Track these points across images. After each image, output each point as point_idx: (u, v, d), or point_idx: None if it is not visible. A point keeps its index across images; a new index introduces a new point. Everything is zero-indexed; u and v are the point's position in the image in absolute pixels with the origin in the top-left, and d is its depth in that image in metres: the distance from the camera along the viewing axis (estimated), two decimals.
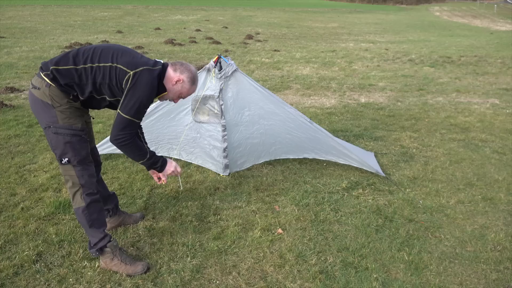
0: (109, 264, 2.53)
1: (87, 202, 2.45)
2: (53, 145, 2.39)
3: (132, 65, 2.31)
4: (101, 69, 2.32)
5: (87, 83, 2.33)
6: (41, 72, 2.32)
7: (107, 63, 2.32)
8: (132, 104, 2.30)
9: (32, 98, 2.36)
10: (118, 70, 2.31)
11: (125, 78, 2.29)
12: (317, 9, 42.10)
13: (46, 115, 2.32)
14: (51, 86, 2.29)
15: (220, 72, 3.49)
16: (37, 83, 2.32)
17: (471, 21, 31.80)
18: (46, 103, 2.31)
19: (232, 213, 3.26)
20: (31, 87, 2.35)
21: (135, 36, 15.43)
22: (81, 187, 2.43)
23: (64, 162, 2.39)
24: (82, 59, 2.32)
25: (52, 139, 2.36)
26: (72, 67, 2.30)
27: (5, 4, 30.36)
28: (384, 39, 17.57)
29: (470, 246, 2.90)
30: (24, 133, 4.92)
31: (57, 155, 2.40)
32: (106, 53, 2.35)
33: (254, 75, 8.96)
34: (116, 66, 2.31)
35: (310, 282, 2.49)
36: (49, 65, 2.30)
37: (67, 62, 2.31)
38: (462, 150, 4.69)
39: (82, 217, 2.47)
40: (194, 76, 2.51)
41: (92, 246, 2.51)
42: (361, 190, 3.65)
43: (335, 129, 5.35)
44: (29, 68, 8.83)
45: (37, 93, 2.32)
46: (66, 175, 2.44)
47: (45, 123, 2.34)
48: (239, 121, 3.76)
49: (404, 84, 8.39)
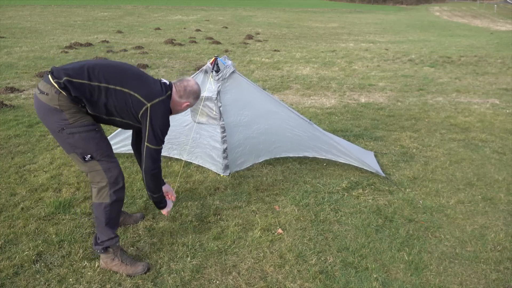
0: (109, 264, 2.53)
1: (112, 199, 2.45)
2: (71, 146, 2.36)
3: (149, 97, 2.40)
4: (116, 92, 2.36)
5: (98, 101, 2.35)
6: (51, 78, 2.28)
7: (123, 88, 2.37)
8: (156, 135, 2.45)
9: (39, 104, 2.32)
10: (135, 100, 2.38)
11: (142, 109, 2.39)
12: (317, 9, 42.10)
13: (55, 118, 2.30)
14: (61, 94, 2.27)
15: (218, 74, 3.48)
16: (45, 89, 2.28)
17: (471, 21, 31.80)
18: (54, 108, 2.28)
19: (232, 213, 3.26)
20: (38, 92, 2.30)
21: (135, 36, 15.43)
22: (109, 184, 2.43)
23: (87, 159, 2.37)
24: (97, 76, 2.33)
25: (69, 140, 2.34)
26: (86, 82, 2.30)
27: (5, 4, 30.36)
28: (384, 39, 17.57)
29: (470, 246, 2.90)
30: (24, 133, 4.92)
31: (78, 155, 2.37)
32: (122, 76, 2.40)
33: (254, 75, 8.96)
34: (133, 94, 2.38)
35: (310, 282, 2.49)
36: (61, 74, 2.26)
37: (81, 75, 2.30)
38: (462, 150, 4.69)
39: (102, 213, 2.46)
40: (198, 93, 2.69)
41: (99, 242, 2.50)
42: (361, 190, 3.65)
43: (335, 129, 5.35)
44: (29, 68, 8.83)
45: (44, 98, 2.28)
46: (92, 171, 2.41)
47: (56, 127, 2.32)
48: (238, 122, 3.76)
49: (404, 84, 8.39)
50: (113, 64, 2.49)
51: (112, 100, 2.36)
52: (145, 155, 2.49)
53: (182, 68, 9.45)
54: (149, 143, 2.45)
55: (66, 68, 2.31)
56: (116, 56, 10.71)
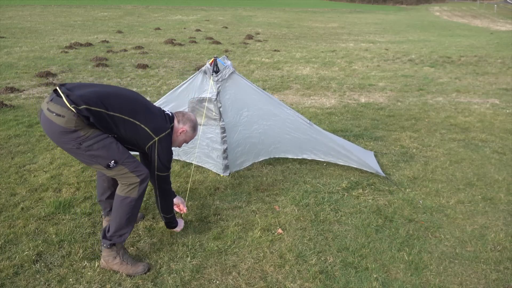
0: (110, 262, 2.53)
1: (139, 194, 2.52)
2: (93, 158, 2.40)
3: (156, 131, 2.54)
4: (129, 123, 2.47)
5: (112, 129, 2.44)
6: (67, 102, 2.28)
7: (135, 120, 2.48)
8: (164, 165, 2.60)
9: (51, 124, 2.32)
10: (145, 133, 2.51)
11: (150, 142, 2.54)
12: (317, 9, 42.10)
13: (71, 137, 2.34)
14: (79, 117, 2.30)
15: (217, 75, 3.48)
16: (61, 112, 2.29)
17: (471, 21, 31.81)
18: (68, 129, 2.31)
19: (232, 213, 3.26)
20: (54, 114, 2.29)
21: (135, 36, 15.43)
22: (140, 181, 2.49)
23: (112, 166, 2.43)
24: (113, 106, 2.41)
25: (89, 153, 2.38)
26: (104, 111, 2.37)
27: (5, 4, 30.36)
28: (384, 39, 17.58)
29: (470, 246, 2.90)
30: (24, 133, 4.92)
31: (103, 165, 2.42)
32: (133, 107, 2.51)
33: (254, 75, 8.96)
34: (143, 127, 2.50)
35: (310, 282, 2.49)
36: (80, 102, 2.29)
37: (97, 104, 2.35)
38: (462, 150, 4.69)
39: (126, 207, 2.49)
40: (195, 124, 2.83)
41: (108, 236, 2.52)
42: (361, 190, 3.65)
43: (335, 129, 5.35)
44: (29, 68, 8.83)
45: (60, 121, 2.29)
46: (119, 175, 2.48)
47: (73, 145, 2.35)
48: (237, 122, 3.76)
49: (404, 84, 8.39)
50: (124, 93, 2.58)
51: (124, 129, 2.47)
52: (158, 183, 2.66)
53: (182, 68, 9.45)
54: (159, 172, 2.62)
55: (82, 95, 2.33)
56: (116, 56, 10.71)
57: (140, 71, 8.95)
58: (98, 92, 2.42)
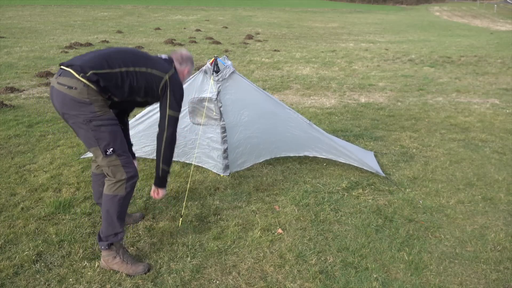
0: (110, 262, 2.53)
1: (127, 191, 2.51)
2: (95, 139, 2.42)
3: (163, 69, 2.59)
4: (136, 73, 2.50)
5: (123, 85, 2.46)
6: (75, 73, 2.33)
7: (141, 68, 2.52)
8: (178, 102, 2.63)
9: (64, 97, 2.37)
10: (154, 75, 2.55)
11: (162, 82, 2.57)
12: (317, 9, 42.10)
13: (84, 111, 2.37)
14: (89, 87, 2.35)
15: (218, 75, 3.48)
16: (72, 84, 2.34)
17: (471, 21, 31.81)
18: (83, 101, 2.36)
19: (232, 213, 3.26)
20: (66, 87, 2.34)
21: (135, 36, 15.43)
22: (127, 178, 2.49)
23: (109, 153, 2.44)
24: (116, 63, 2.45)
25: (95, 133, 2.41)
26: (109, 71, 2.41)
27: (5, 4, 30.36)
28: (384, 39, 17.58)
29: (470, 246, 2.90)
30: (24, 133, 4.92)
31: (101, 148, 2.43)
32: (134, 58, 2.55)
33: (254, 75, 8.96)
34: (150, 71, 2.54)
35: (310, 282, 2.49)
36: (86, 68, 2.34)
37: (102, 65, 2.40)
38: (462, 150, 4.69)
39: (115, 205, 2.49)
40: (192, 58, 2.89)
41: (103, 238, 2.52)
42: (361, 190, 3.65)
43: (335, 129, 5.35)
44: (29, 68, 8.83)
45: (72, 92, 2.34)
46: (111, 166, 2.47)
47: (84, 119, 2.38)
48: (238, 122, 3.76)
49: (404, 84, 8.39)
50: (122, 49, 2.65)
51: (134, 81, 2.49)
52: (168, 124, 2.62)
53: None
54: (172, 110, 2.60)
55: (85, 61, 2.40)
56: None
57: None
58: (99, 55, 2.47)
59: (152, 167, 4.00)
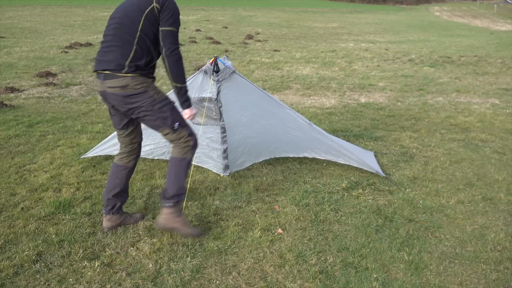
0: (171, 220, 2.75)
1: (192, 156, 2.79)
2: (163, 120, 2.66)
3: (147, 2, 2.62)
4: (143, 29, 2.60)
5: (150, 50, 2.64)
6: (116, 73, 2.55)
7: (139, 21, 2.60)
8: (171, 17, 2.63)
9: (123, 98, 2.59)
10: (148, 17, 2.60)
11: (157, 5, 2.60)
12: (317, 9, 42.11)
13: (144, 99, 2.61)
14: (136, 77, 2.58)
15: (218, 75, 3.48)
16: (121, 83, 2.56)
17: (471, 21, 31.82)
18: (139, 92, 2.60)
19: (232, 213, 3.26)
20: (119, 89, 2.56)
21: None
22: (193, 145, 2.77)
23: (176, 128, 2.70)
24: (129, 37, 2.58)
25: (160, 114, 2.65)
26: (133, 53, 2.58)
27: (5, 4, 30.36)
28: (384, 39, 17.58)
29: (470, 246, 2.90)
30: (24, 133, 4.92)
31: (169, 126, 2.68)
32: (135, 11, 2.62)
33: (254, 75, 8.96)
34: (147, 12, 2.59)
35: (310, 282, 2.49)
36: (122, 63, 2.55)
37: (126, 52, 2.57)
38: (462, 150, 4.69)
39: (183, 167, 2.77)
40: None
41: (170, 197, 2.74)
42: (361, 190, 3.65)
43: (335, 129, 5.35)
44: (29, 68, 8.83)
45: (128, 90, 2.57)
46: (180, 139, 2.73)
47: (147, 106, 2.61)
48: (238, 122, 3.76)
49: (404, 84, 8.39)
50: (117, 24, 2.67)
51: (147, 32, 2.60)
52: (165, 38, 2.61)
53: None
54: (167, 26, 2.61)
55: (115, 57, 2.58)
56: None
57: None
58: (112, 44, 2.62)
59: (152, 167, 4.00)
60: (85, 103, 6.40)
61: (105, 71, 2.58)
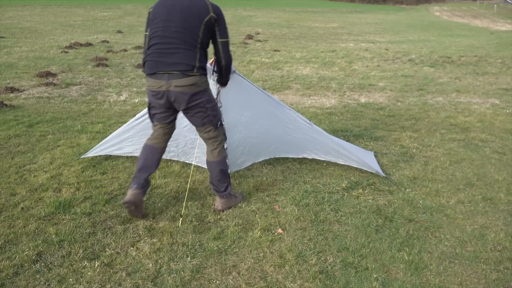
0: (227, 204, 3.23)
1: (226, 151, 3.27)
2: (213, 118, 3.00)
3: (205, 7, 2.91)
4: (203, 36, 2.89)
5: (206, 48, 2.95)
6: (187, 73, 2.79)
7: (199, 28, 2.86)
8: (226, 28, 3.02)
9: (190, 96, 2.85)
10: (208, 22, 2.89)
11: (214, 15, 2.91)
12: (317, 9, 42.11)
13: (204, 97, 2.93)
14: (202, 76, 2.88)
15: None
16: (189, 82, 2.81)
17: (471, 21, 31.81)
18: (202, 90, 2.91)
19: (232, 213, 3.26)
20: (187, 87, 2.80)
21: (135, 36, 15.43)
22: (225, 140, 3.21)
23: (218, 125, 3.07)
24: (192, 41, 2.82)
25: (212, 112, 2.99)
26: (199, 51, 2.85)
27: (5, 4, 30.37)
28: (384, 39, 17.58)
29: (470, 246, 2.90)
30: (24, 133, 4.92)
31: (214, 124, 3.03)
32: (193, 18, 2.85)
33: (254, 75, 8.97)
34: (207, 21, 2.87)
35: (310, 282, 2.49)
36: (192, 64, 2.80)
37: (194, 53, 2.82)
38: (462, 150, 4.69)
39: (225, 164, 3.20)
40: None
41: (224, 190, 3.18)
42: (361, 190, 3.65)
43: (335, 129, 5.35)
44: (29, 68, 8.83)
45: (195, 89, 2.85)
46: (219, 135, 3.11)
47: (204, 104, 2.93)
48: (238, 122, 3.76)
49: (404, 84, 8.39)
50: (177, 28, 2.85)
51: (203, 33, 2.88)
52: (224, 48, 3.03)
53: None
54: (224, 38, 3.01)
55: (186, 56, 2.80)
56: (116, 56, 10.72)
57: (140, 71, 8.95)
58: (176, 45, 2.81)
59: None
60: (85, 103, 6.40)
61: (172, 72, 2.78)
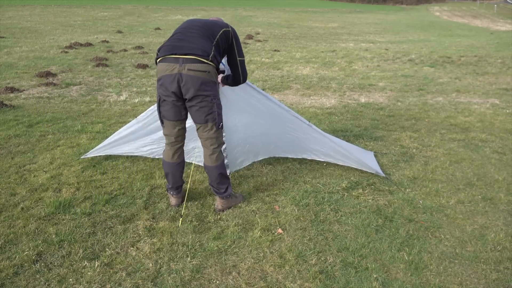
0: (227, 204, 3.24)
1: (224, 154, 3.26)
2: (216, 115, 2.98)
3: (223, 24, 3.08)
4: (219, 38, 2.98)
5: (221, 52, 3.01)
6: (203, 59, 2.80)
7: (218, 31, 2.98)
8: (241, 47, 3.16)
9: (201, 81, 2.83)
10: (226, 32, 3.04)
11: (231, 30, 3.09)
12: (317, 9, 42.11)
13: (213, 89, 2.93)
14: (215, 68, 2.90)
15: None
16: (204, 68, 2.82)
17: (471, 21, 31.81)
18: (213, 81, 2.92)
19: (232, 213, 3.26)
20: (200, 72, 2.80)
21: (135, 36, 15.43)
22: (223, 144, 3.19)
23: (220, 127, 3.06)
24: (210, 36, 2.91)
25: (215, 108, 2.97)
26: (214, 45, 2.90)
27: (5, 4, 30.37)
28: (384, 39, 17.58)
29: (470, 246, 2.90)
30: (24, 133, 4.92)
31: (216, 124, 3.01)
32: (212, 25, 3.01)
33: (254, 75, 8.97)
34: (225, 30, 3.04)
35: (310, 282, 2.49)
36: (208, 50, 2.83)
37: (210, 43, 2.88)
38: (462, 150, 4.69)
39: (224, 167, 3.19)
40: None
41: (224, 191, 3.19)
42: (361, 190, 3.65)
43: (335, 129, 5.35)
44: (29, 68, 8.83)
45: (207, 75, 2.84)
46: (218, 137, 3.09)
47: (212, 97, 2.92)
48: (237, 122, 3.76)
49: (404, 84, 8.39)
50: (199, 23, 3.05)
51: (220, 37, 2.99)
52: (242, 65, 3.16)
53: None
54: (240, 57, 3.14)
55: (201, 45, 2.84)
56: (116, 56, 10.71)
57: (140, 71, 8.95)
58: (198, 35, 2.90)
59: (152, 167, 4.00)
60: (85, 103, 6.40)
61: (187, 55, 2.79)
